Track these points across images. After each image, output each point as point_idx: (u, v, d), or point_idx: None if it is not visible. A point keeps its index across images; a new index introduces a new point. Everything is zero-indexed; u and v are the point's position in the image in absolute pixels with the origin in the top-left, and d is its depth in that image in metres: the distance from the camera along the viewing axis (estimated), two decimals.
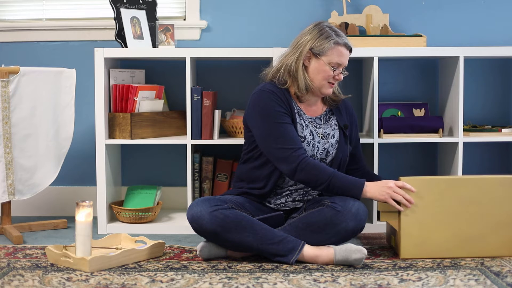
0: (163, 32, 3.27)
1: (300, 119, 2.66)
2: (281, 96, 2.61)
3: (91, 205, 2.48)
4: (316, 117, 2.70)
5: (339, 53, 2.60)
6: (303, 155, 2.53)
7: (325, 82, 2.62)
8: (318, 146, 2.65)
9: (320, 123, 2.70)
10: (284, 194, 2.67)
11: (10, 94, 2.91)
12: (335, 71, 2.61)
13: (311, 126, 2.67)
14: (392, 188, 2.49)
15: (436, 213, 2.54)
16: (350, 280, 2.26)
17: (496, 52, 3.08)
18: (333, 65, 2.60)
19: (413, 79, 3.42)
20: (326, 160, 2.67)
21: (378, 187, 2.51)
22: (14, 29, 3.42)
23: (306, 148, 2.62)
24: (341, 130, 2.71)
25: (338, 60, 2.60)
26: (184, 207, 3.32)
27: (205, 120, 3.06)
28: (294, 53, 2.64)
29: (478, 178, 2.57)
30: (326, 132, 2.69)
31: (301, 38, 2.64)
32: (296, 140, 2.56)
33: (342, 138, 2.70)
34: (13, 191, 2.97)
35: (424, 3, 3.39)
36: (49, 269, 2.40)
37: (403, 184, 2.50)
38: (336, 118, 2.73)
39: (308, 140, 2.64)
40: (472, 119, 3.39)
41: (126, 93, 3.08)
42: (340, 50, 2.61)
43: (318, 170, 2.51)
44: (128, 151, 3.45)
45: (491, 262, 2.47)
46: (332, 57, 2.60)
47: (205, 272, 2.37)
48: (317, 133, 2.67)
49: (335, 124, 2.72)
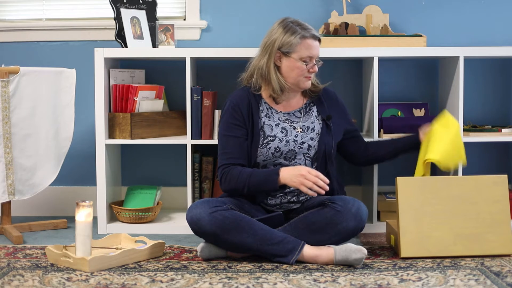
0: (163, 32, 3.27)
1: (270, 120, 2.66)
2: (242, 106, 2.65)
3: (91, 205, 2.48)
4: (295, 110, 2.71)
5: (308, 46, 2.59)
6: (227, 167, 2.59)
7: (301, 77, 2.62)
8: (295, 140, 2.64)
9: (300, 116, 2.70)
10: (279, 196, 2.66)
11: (10, 94, 2.91)
12: (308, 64, 2.61)
13: (287, 122, 2.67)
14: (304, 175, 2.47)
15: (434, 212, 2.56)
16: (350, 280, 2.26)
17: (496, 52, 3.08)
18: (304, 59, 2.60)
19: (413, 79, 3.42)
20: (310, 153, 2.66)
21: (290, 175, 2.50)
22: (14, 29, 3.42)
23: (279, 145, 2.62)
24: (323, 121, 2.70)
25: (308, 54, 2.59)
26: (184, 207, 3.32)
27: (205, 120, 3.06)
28: (264, 55, 2.65)
29: (473, 178, 2.61)
30: (305, 125, 2.68)
31: (268, 38, 2.64)
32: (234, 152, 2.61)
33: (325, 129, 2.68)
34: (13, 191, 2.97)
35: (424, 3, 3.39)
36: (49, 269, 2.40)
37: (317, 173, 2.48)
38: (317, 109, 2.72)
39: (280, 137, 2.64)
40: (472, 119, 3.40)
41: (126, 93, 3.08)
42: (308, 43, 2.59)
43: (237, 176, 2.56)
44: (128, 151, 3.45)
45: (491, 262, 2.47)
46: (301, 52, 2.59)
47: (205, 272, 2.37)
48: (294, 127, 2.66)
49: (316, 116, 2.71)
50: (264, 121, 2.66)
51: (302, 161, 2.65)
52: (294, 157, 2.64)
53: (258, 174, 2.55)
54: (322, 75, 2.89)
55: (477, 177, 2.62)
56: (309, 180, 2.46)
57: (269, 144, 2.63)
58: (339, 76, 3.41)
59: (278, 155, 2.63)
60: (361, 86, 3.38)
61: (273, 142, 2.63)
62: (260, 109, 2.68)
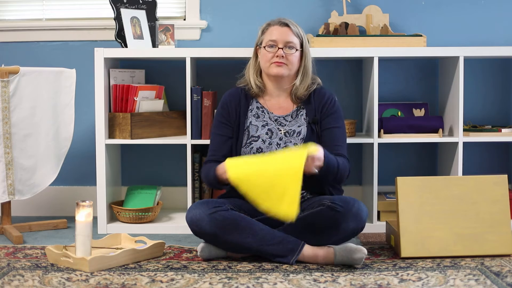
0: (163, 32, 3.27)
1: (258, 120, 2.68)
2: (230, 103, 2.71)
3: (91, 205, 2.48)
4: (286, 114, 2.70)
5: (271, 32, 2.65)
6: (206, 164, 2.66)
7: (268, 63, 2.65)
8: (279, 143, 2.64)
9: (290, 120, 2.69)
10: None
11: (10, 94, 2.91)
12: (273, 48, 2.63)
13: (275, 124, 2.67)
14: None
15: (434, 212, 2.57)
16: (350, 280, 2.26)
17: (496, 52, 3.08)
18: (268, 43, 2.63)
19: (413, 79, 3.42)
20: None
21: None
22: (14, 29, 3.42)
23: (261, 146, 2.63)
24: (309, 125, 2.68)
25: (270, 38, 2.64)
26: (184, 207, 3.32)
27: (205, 120, 3.07)
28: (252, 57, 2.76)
29: (473, 178, 2.62)
30: (291, 129, 2.67)
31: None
32: (216, 150, 2.67)
33: (309, 134, 2.66)
34: (13, 191, 2.97)
35: (424, 3, 3.39)
36: (49, 269, 2.40)
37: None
38: (305, 112, 2.71)
39: (263, 138, 2.64)
40: (472, 119, 3.39)
41: (126, 93, 3.08)
42: (272, 29, 2.66)
43: (205, 172, 2.64)
44: (128, 151, 3.45)
45: (491, 262, 2.47)
46: (266, 37, 2.66)
47: (205, 272, 2.37)
48: (279, 130, 2.67)
49: (304, 119, 2.70)
50: (251, 121, 2.68)
51: None
52: None
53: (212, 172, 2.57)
54: (323, 75, 2.89)
55: (477, 177, 2.63)
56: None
57: (252, 145, 2.64)
58: (339, 76, 3.41)
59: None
60: (361, 86, 3.38)
61: (256, 142, 2.64)
62: (250, 109, 2.71)
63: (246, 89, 2.74)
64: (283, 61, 2.62)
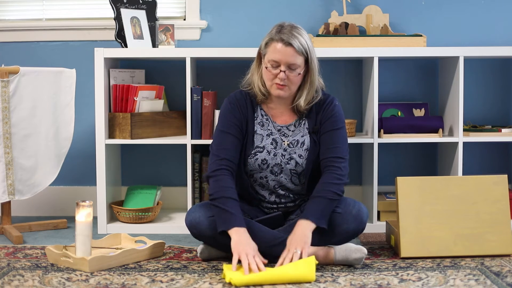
0: (163, 32, 3.27)
1: (263, 128, 2.59)
2: (240, 106, 2.57)
3: (91, 205, 2.48)
4: (289, 124, 2.61)
5: (273, 49, 2.44)
6: (222, 167, 2.46)
7: (270, 82, 2.49)
8: (283, 154, 2.56)
9: (293, 129, 2.60)
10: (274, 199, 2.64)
11: (10, 94, 2.91)
12: (275, 70, 2.46)
13: (279, 134, 2.59)
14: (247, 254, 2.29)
15: (434, 212, 2.57)
16: (350, 280, 2.26)
17: (496, 52, 3.08)
18: (270, 63, 2.46)
19: (413, 79, 3.42)
20: (296, 170, 2.56)
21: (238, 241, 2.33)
22: (14, 29, 3.42)
23: (266, 157, 2.55)
24: (310, 134, 2.59)
25: (273, 57, 2.44)
26: (184, 207, 3.32)
27: (205, 120, 3.07)
28: (255, 61, 2.59)
29: (473, 178, 2.62)
30: (295, 140, 2.58)
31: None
32: (228, 151, 2.49)
33: (312, 144, 2.57)
34: (13, 191, 2.97)
35: (424, 3, 3.39)
36: (49, 269, 2.40)
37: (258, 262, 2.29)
38: (307, 121, 2.61)
39: (268, 149, 2.56)
40: (472, 119, 3.39)
41: (126, 93, 3.08)
42: (275, 46, 2.44)
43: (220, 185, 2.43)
44: (128, 151, 3.45)
45: (491, 262, 2.47)
46: (269, 54, 2.46)
47: (205, 272, 2.37)
48: (283, 141, 2.58)
49: (307, 128, 2.60)
50: (256, 130, 2.59)
51: (288, 177, 2.57)
52: (280, 172, 2.57)
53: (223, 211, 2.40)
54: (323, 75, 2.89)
55: (477, 177, 2.63)
56: (247, 261, 2.28)
57: (257, 156, 2.56)
58: (339, 76, 3.41)
59: (264, 168, 2.56)
60: (361, 86, 3.38)
61: (261, 153, 2.56)
62: (255, 116, 2.60)
63: (251, 94, 2.61)
64: (284, 83, 2.46)
